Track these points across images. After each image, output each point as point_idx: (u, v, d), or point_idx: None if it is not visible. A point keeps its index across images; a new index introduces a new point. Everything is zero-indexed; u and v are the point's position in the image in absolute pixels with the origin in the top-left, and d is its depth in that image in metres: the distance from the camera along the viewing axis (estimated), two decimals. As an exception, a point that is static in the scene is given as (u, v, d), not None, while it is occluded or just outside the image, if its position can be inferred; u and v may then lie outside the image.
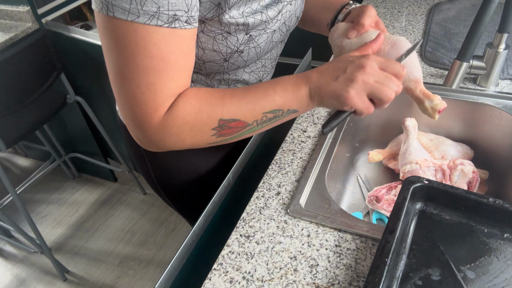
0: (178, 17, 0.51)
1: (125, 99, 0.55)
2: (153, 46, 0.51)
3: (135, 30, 0.50)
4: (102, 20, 0.51)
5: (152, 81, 0.53)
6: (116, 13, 0.49)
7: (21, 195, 2.20)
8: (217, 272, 0.63)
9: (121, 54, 0.51)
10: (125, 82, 0.54)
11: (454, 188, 0.60)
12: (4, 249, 2.04)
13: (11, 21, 1.72)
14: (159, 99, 0.55)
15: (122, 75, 0.53)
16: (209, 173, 0.88)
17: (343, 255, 0.63)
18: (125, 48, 0.51)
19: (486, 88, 0.91)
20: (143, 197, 2.23)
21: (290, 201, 0.72)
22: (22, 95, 1.58)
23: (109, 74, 0.55)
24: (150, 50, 0.51)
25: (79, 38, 1.69)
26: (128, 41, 0.50)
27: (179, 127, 0.57)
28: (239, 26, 0.60)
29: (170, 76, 0.54)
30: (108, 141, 2.02)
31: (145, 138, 0.58)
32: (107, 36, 0.52)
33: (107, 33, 0.51)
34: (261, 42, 0.66)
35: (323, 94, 0.57)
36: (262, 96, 0.58)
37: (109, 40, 0.52)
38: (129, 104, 0.55)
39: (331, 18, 0.77)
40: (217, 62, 0.65)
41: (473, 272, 0.53)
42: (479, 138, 0.92)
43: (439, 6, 1.26)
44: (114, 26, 0.50)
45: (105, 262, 1.92)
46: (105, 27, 0.51)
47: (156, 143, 0.59)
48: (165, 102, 0.55)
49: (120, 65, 0.53)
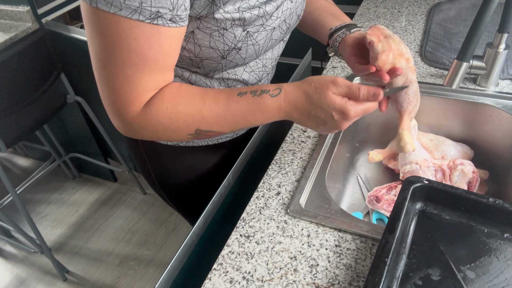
0: (161, 14, 0.51)
1: (104, 87, 0.57)
2: (133, 41, 0.52)
3: (117, 22, 0.50)
4: (86, 9, 0.51)
5: (130, 74, 0.54)
6: (99, 4, 0.49)
7: (21, 195, 2.20)
8: (217, 272, 0.63)
9: (102, 44, 0.52)
10: (105, 71, 0.55)
11: (454, 188, 0.60)
12: (4, 249, 2.04)
13: (11, 21, 1.72)
14: (135, 92, 0.56)
15: (102, 64, 0.54)
16: (209, 173, 0.88)
17: (343, 255, 0.63)
18: (106, 39, 0.52)
19: (486, 88, 0.91)
20: (143, 197, 2.23)
21: (290, 201, 0.72)
22: (22, 95, 1.58)
23: (92, 60, 0.56)
24: (130, 44, 0.52)
25: (79, 38, 1.69)
26: (110, 33, 0.51)
27: (154, 126, 0.59)
28: (235, 21, 0.60)
29: (147, 71, 0.55)
30: (108, 141, 2.02)
31: (122, 126, 0.60)
32: (90, 26, 0.52)
33: (90, 23, 0.52)
34: (259, 39, 0.65)
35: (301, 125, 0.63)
36: (241, 119, 0.61)
37: (92, 29, 0.52)
38: (108, 92, 0.57)
39: (337, 26, 0.76)
40: (215, 59, 0.65)
41: (473, 272, 0.53)
42: (479, 138, 0.92)
43: (439, 6, 1.26)
44: (97, 17, 0.51)
45: (105, 262, 1.92)
46: (88, 17, 0.52)
47: (131, 133, 0.61)
48: (141, 96, 0.57)
49: (101, 54, 0.54)
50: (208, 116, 0.59)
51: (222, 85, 0.74)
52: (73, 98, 1.84)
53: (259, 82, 0.78)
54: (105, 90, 0.57)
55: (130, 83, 0.55)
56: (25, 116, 1.73)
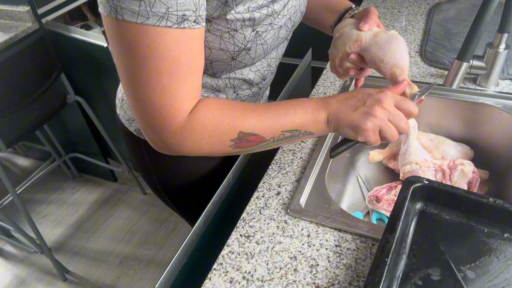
0: (187, 17, 0.50)
1: (140, 104, 0.54)
2: (164, 48, 0.50)
3: (145, 32, 0.49)
4: (112, 24, 0.50)
5: (166, 84, 0.52)
6: (125, 16, 0.48)
7: (21, 195, 2.20)
8: (217, 272, 0.63)
9: (133, 58, 0.51)
10: (140, 86, 0.53)
11: (454, 188, 0.60)
12: (4, 249, 2.04)
13: (11, 21, 1.72)
14: (176, 103, 0.54)
15: (136, 79, 0.52)
16: (209, 174, 0.88)
17: (343, 255, 0.63)
18: (137, 52, 0.50)
19: (486, 88, 0.91)
20: (143, 197, 2.23)
21: (290, 201, 0.72)
22: (22, 95, 1.58)
23: (122, 79, 0.55)
24: (162, 52, 0.50)
25: (79, 38, 1.69)
26: (140, 45, 0.50)
27: (198, 134, 0.57)
28: (245, 22, 0.60)
29: (182, 78, 0.53)
30: (108, 141, 2.01)
31: (162, 142, 0.58)
32: (117, 41, 0.51)
33: (118, 38, 0.51)
34: (268, 38, 0.66)
35: (341, 122, 0.60)
36: (282, 115, 0.59)
37: (120, 44, 0.51)
38: (145, 108, 0.54)
39: (335, 21, 0.78)
40: (225, 61, 0.65)
41: (473, 272, 0.53)
42: (479, 138, 0.92)
43: (439, 6, 1.26)
44: (124, 30, 0.49)
45: (105, 262, 1.92)
46: (115, 32, 0.50)
47: (172, 147, 0.58)
48: (182, 106, 0.55)
49: (133, 69, 0.52)
50: (251, 116, 0.59)
51: (228, 85, 0.74)
52: (73, 98, 1.84)
53: (264, 81, 0.79)
54: (142, 107, 0.54)
55: (168, 94, 0.53)
56: (25, 116, 1.73)
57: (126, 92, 0.55)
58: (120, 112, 0.84)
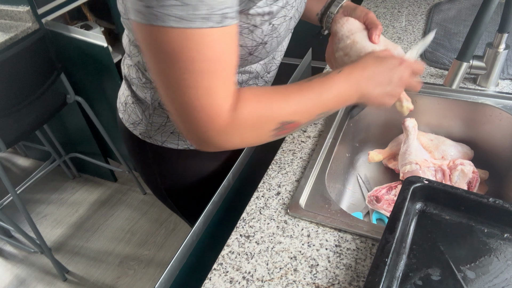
0: (227, 14, 0.50)
1: (184, 107, 0.54)
2: (208, 49, 0.50)
3: (191, 36, 0.48)
4: (152, 32, 0.49)
5: (209, 85, 0.52)
6: (170, 23, 0.47)
7: (21, 195, 2.20)
8: (217, 272, 0.63)
9: (178, 63, 0.50)
10: (183, 90, 0.52)
11: (454, 188, 0.60)
12: (4, 249, 2.04)
13: (11, 21, 1.72)
14: (220, 102, 0.54)
15: (179, 84, 0.52)
16: (211, 175, 0.88)
17: (343, 255, 0.63)
18: (181, 57, 0.50)
19: (486, 88, 0.91)
20: (143, 197, 2.23)
21: (290, 201, 0.72)
22: (22, 95, 1.58)
23: (163, 86, 0.54)
24: (206, 54, 0.50)
25: (79, 38, 1.69)
26: (185, 49, 0.49)
27: (243, 129, 0.58)
28: (264, 16, 0.60)
29: (225, 76, 0.53)
30: (108, 141, 2.02)
31: (207, 141, 0.58)
32: (159, 49, 0.50)
33: (159, 46, 0.49)
34: (281, 31, 0.66)
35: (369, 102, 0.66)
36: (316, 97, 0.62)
37: (162, 51, 0.50)
38: (191, 111, 0.54)
39: (321, 9, 0.80)
40: (242, 57, 0.65)
41: (473, 272, 0.53)
42: (479, 138, 0.92)
43: (439, 6, 1.26)
44: (168, 37, 0.48)
45: (105, 262, 1.92)
46: (156, 40, 0.49)
47: (218, 144, 0.58)
48: (225, 104, 0.55)
49: (176, 74, 0.51)
50: (288, 104, 0.60)
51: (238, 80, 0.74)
52: (73, 98, 1.84)
53: (268, 74, 0.79)
54: (186, 109, 0.54)
55: (213, 94, 0.53)
56: (25, 116, 1.73)
57: (168, 98, 0.55)
58: (124, 116, 0.83)
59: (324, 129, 0.87)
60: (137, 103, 0.79)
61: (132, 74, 0.76)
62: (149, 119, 0.78)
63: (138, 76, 0.75)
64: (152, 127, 0.79)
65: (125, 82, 0.82)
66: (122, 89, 0.84)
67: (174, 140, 0.80)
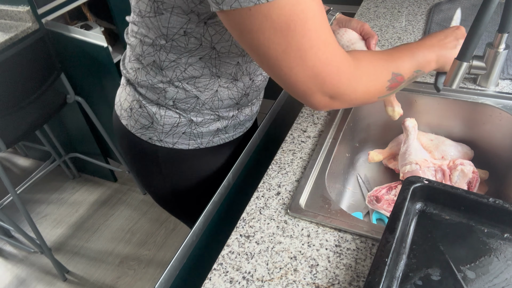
0: None
1: (312, 71, 0.55)
2: (312, 4, 0.51)
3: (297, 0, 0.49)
4: (260, 13, 0.49)
5: (324, 37, 0.53)
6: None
7: (21, 195, 2.20)
8: (217, 272, 0.63)
9: (293, 31, 0.51)
10: (307, 53, 0.53)
11: (454, 188, 0.60)
12: (4, 249, 2.04)
13: (11, 21, 1.72)
14: (337, 50, 0.56)
15: (301, 50, 0.52)
16: (212, 176, 0.88)
17: (343, 255, 0.63)
18: (296, 22, 0.50)
19: (486, 88, 0.91)
20: (143, 197, 2.23)
21: (290, 201, 0.72)
22: (22, 95, 1.58)
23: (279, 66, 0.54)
24: (313, 9, 0.51)
25: (79, 38, 1.69)
26: (296, 14, 0.50)
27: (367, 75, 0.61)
28: None
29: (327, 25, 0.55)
30: (108, 141, 2.02)
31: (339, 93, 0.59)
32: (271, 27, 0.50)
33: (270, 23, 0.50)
34: None
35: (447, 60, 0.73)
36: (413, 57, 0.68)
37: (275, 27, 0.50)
38: (318, 72, 0.55)
39: None
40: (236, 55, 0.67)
41: (473, 272, 0.53)
42: (479, 138, 0.92)
43: (439, 6, 1.26)
44: (278, 9, 0.49)
45: (105, 262, 1.92)
46: (266, 18, 0.49)
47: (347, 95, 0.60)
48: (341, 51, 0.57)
49: (295, 43, 0.52)
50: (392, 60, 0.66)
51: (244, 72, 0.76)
52: (73, 98, 1.84)
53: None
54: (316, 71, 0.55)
55: (328, 46, 0.54)
56: (25, 116, 1.73)
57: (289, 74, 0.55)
58: (129, 123, 0.82)
59: (324, 129, 0.87)
60: (146, 106, 0.78)
61: (141, 76, 0.75)
62: (160, 121, 0.78)
63: (149, 78, 0.74)
64: (163, 129, 0.79)
65: (129, 86, 0.80)
66: (124, 94, 0.82)
67: (185, 141, 0.81)
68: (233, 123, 0.84)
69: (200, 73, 0.71)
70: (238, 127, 0.86)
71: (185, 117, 0.78)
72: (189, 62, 0.70)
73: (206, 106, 0.77)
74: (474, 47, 0.64)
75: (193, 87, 0.73)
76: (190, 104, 0.76)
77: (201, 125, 0.80)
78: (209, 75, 0.72)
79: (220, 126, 0.82)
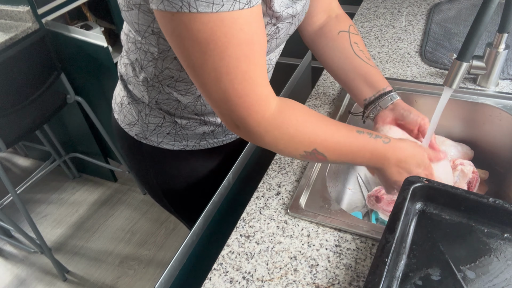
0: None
1: (223, 94, 0.54)
2: (240, 32, 0.49)
3: (221, 21, 0.48)
4: (181, 21, 0.48)
5: (246, 69, 0.52)
6: (200, 8, 0.46)
7: (21, 195, 2.20)
8: (217, 272, 0.63)
9: (211, 50, 0.49)
10: (222, 77, 0.52)
11: (454, 188, 0.60)
12: (4, 249, 2.04)
13: (11, 21, 1.72)
14: (256, 89, 0.54)
15: (216, 71, 0.51)
16: (210, 176, 0.88)
17: (343, 255, 0.63)
18: (215, 43, 0.49)
19: (486, 88, 0.91)
20: (143, 197, 2.23)
21: (290, 201, 0.72)
22: (22, 95, 1.58)
23: (197, 75, 0.53)
24: (238, 37, 0.49)
25: (79, 38, 1.69)
26: (217, 35, 0.48)
27: (280, 133, 0.59)
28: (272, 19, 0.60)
29: (258, 60, 0.53)
30: (108, 141, 2.02)
31: (246, 128, 0.58)
32: (190, 38, 0.49)
33: (190, 35, 0.49)
34: (282, 34, 0.66)
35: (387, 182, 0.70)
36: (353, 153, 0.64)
37: (195, 40, 0.49)
38: (229, 98, 0.54)
39: (370, 97, 0.78)
40: None
41: (473, 272, 0.53)
42: (479, 138, 0.92)
43: (439, 6, 1.26)
44: (199, 23, 0.47)
45: (105, 262, 1.92)
46: (186, 28, 0.48)
47: (255, 136, 0.59)
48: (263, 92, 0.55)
49: (211, 62, 0.51)
50: (329, 141, 0.62)
51: None
52: (73, 98, 1.84)
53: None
54: (226, 97, 0.54)
55: (249, 79, 0.53)
56: (25, 116, 1.73)
57: (204, 87, 0.54)
58: (119, 117, 0.83)
59: (324, 129, 0.87)
60: (133, 103, 0.78)
61: (129, 72, 0.76)
62: (145, 120, 0.78)
63: (135, 75, 0.74)
64: (148, 128, 0.79)
65: (121, 81, 0.81)
66: (118, 89, 0.84)
67: (170, 141, 0.80)
68: (222, 129, 0.82)
69: (177, 75, 0.69)
70: (228, 133, 0.84)
71: (169, 118, 0.77)
72: (165, 64, 0.68)
73: (188, 110, 0.75)
74: (474, 47, 0.64)
75: (173, 89, 0.72)
76: (171, 106, 0.75)
77: (186, 127, 0.78)
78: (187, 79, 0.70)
79: (207, 130, 0.80)
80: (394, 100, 0.76)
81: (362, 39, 0.83)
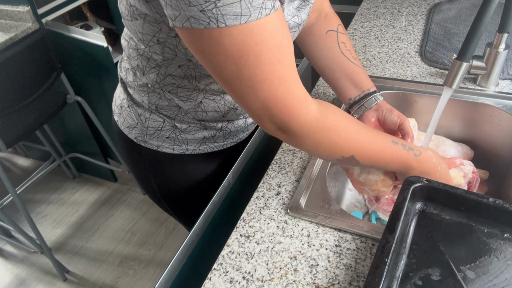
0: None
1: (263, 102, 0.53)
2: (270, 38, 0.49)
3: (251, 30, 0.47)
4: (211, 37, 0.47)
5: (281, 73, 0.52)
6: (228, 22, 0.46)
7: (21, 195, 2.20)
8: (217, 272, 0.63)
9: (245, 61, 0.49)
10: (259, 85, 0.51)
11: (454, 188, 0.60)
12: (4, 249, 2.04)
13: (11, 21, 1.72)
14: (294, 91, 0.54)
15: (252, 80, 0.51)
16: (210, 179, 0.88)
17: (343, 255, 0.63)
18: (248, 53, 0.48)
19: (486, 88, 0.91)
20: (143, 197, 2.23)
21: (290, 201, 0.72)
22: (22, 95, 1.58)
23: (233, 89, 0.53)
24: (269, 43, 0.49)
25: (79, 38, 1.69)
26: (249, 45, 0.48)
27: (322, 137, 0.59)
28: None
29: (290, 61, 0.53)
30: (108, 141, 2.02)
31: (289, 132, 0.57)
32: (222, 52, 0.48)
33: (222, 49, 0.48)
34: None
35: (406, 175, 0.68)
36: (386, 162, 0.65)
37: (227, 54, 0.48)
38: (269, 105, 0.53)
39: (355, 97, 0.79)
40: None
41: (473, 272, 0.53)
42: (479, 138, 0.92)
43: (439, 6, 1.26)
44: (230, 36, 0.47)
45: (105, 262, 1.92)
46: (217, 43, 0.48)
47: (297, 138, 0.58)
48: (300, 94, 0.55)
49: (246, 72, 0.50)
50: (367, 149, 0.62)
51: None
52: (73, 98, 1.84)
53: None
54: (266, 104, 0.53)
55: (285, 83, 0.52)
56: (25, 116, 1.73)
57: (242, 98, 0.54)
58: (119, 120, 0.83)
59: (324, 129, 0.87)
60: (133, 106, 0.78)
61: (129, 77, 0.76)
62: (145, 123, 0.78)
63: (135, 80, 0.74)
64: (147, 132, 0.78)
65: (121, 85, 0.81)
66: (118, 91, 0.83)
67: (169, 145, 0.80)
68: (223, 134, 0.82)
69: (180, 82, 0.69)
70: (228, 137, 0.84)
71: (169, 123, 0.77)
72: (168, 71, 0.68)
73: (189, 116, 0.75)
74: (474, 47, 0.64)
75: (174, 95, 0.72)
76: (172, 111, 0.75)
77: (186, 132, 0.78)
78: (189, 86, 0.70)
79: (207, 134, 0.80)
80: (378, 101, 0.78)
81: (349, 38, 0.84)
